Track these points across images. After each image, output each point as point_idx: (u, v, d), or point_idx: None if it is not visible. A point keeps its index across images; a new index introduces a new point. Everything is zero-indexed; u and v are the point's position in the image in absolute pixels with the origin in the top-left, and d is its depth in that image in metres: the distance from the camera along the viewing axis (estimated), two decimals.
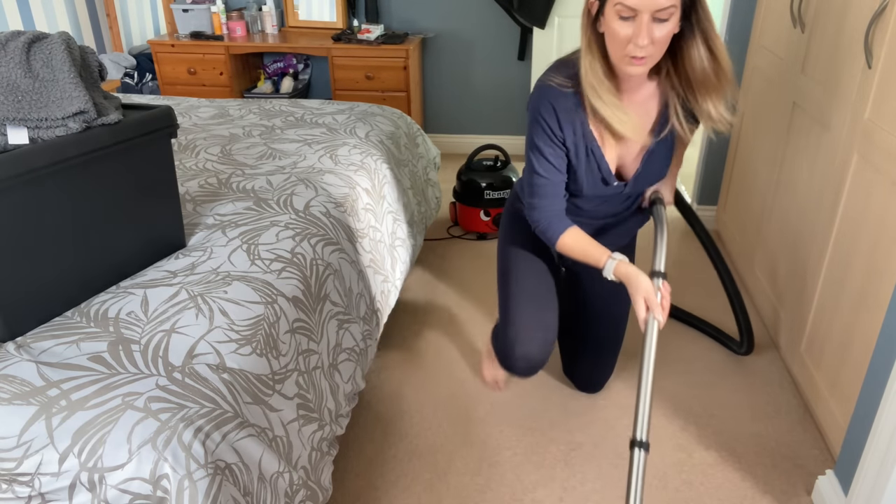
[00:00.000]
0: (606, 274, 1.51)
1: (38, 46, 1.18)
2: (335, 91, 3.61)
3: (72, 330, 1.20)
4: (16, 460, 1.01)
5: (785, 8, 2.23)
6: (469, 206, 2.94)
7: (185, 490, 1.01)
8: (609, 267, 1.50)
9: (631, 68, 1.35)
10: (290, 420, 1.29)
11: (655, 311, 1.43)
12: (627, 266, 1.48)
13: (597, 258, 1.52)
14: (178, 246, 1.50)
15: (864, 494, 1.45)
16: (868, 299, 1.59)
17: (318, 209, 1.72)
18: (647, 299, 1.44)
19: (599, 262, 1.52)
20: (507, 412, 1.95)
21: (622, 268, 1.48)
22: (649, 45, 1.30)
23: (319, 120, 2.41)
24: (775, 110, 2.29)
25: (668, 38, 1.34)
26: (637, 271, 1.47)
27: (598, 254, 1.52)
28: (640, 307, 1.44)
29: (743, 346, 2.15)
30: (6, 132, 1.15)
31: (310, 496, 1.30)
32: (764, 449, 1.82)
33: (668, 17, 1.29)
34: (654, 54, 1.34)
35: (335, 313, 1.58)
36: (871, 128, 1.60)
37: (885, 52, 1.54)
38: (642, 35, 1.28)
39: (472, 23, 3.74)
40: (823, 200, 1.86)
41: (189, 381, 1.12)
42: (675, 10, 1.30)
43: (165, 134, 1.39)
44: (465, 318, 2.39)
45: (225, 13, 3.67)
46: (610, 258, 1.50)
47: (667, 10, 1.28)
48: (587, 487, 1.70)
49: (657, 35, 1.30)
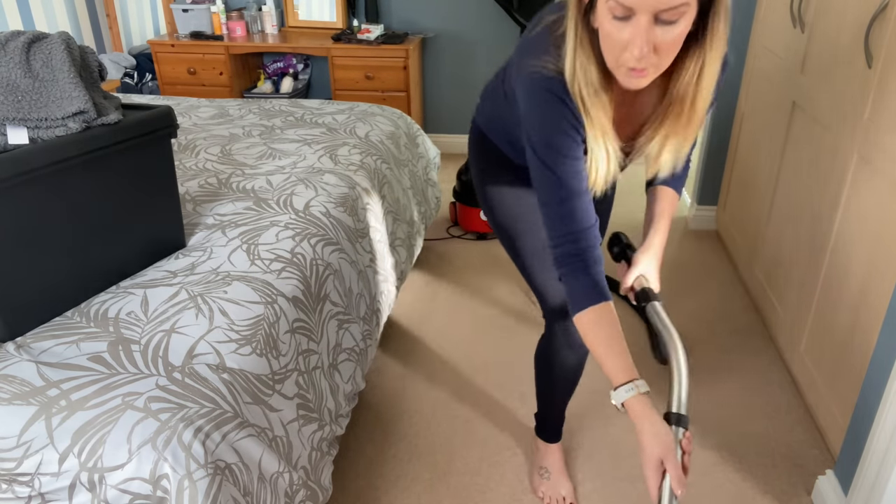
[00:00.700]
0: (614, 401, 1.13)
1: (38, 46, 1.18)
2: (335, 91, 3.61)
3: (72, 330, 1.20)
4: (16, 460, 1.01)
5: (785, 8, 2.23)
6: (469, 206, 2.94)
7: (185, 490, 1.01)
8: (618, 396, 1.12)
9: (628, 80, 1.05)
10: (290, 420, 1.29)
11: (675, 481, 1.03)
12: (645, 406, 1.09)
13: (613, 370, 1.13)
14: (178, 246, 1.50)
15: (864, 494, 1.45)
16: (868, 299, 1.59)
17: (318, 209, 1.72)
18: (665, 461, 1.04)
19: (614, 378, 1.13)
20: (507, 412, 1.95)
21: (637, 406, 1.10)
22: (650, 53, 0.99)
23: (319, 120, 2.41)
24: (775, 110, 2.29)
25: (678, 43, 1.02)
26: (655, 420, 1.08)
27: (617, 365, 1.13)
28: (652, 472, 1.05)
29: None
30: (6, 132, 1.15)
31: (310, 496, 1.30)
32: (764, 449, 1.82)
33: (676, 17, 0.98)
34: (660, 63, 1.03)
35: (335, 313, 1.58)
36: (871, 128, 1.60)
37: (885, 52, 1.54)
38: (638, 42, 0.98)
39: (472, 23, 3.74)
40: (823, 200, 1.86)
41: (189, 381, 1.12)
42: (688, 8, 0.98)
43: (165, 134, 1.39)
44: (466, 318, 2.39)
45: (225, 13, 3.67)
46: (629, 383, 1.11)
47: (675, 9, 0.96)
48: (587, 487, 1.70)
49: (662, 40, 0.99)
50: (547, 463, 1.71)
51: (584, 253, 1.17)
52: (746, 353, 2.21)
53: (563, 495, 1.66)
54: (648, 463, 1.06)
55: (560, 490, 1.67)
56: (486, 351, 2.21)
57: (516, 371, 2.11)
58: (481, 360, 2.17)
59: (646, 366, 2.14)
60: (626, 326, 2.35)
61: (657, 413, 1.09)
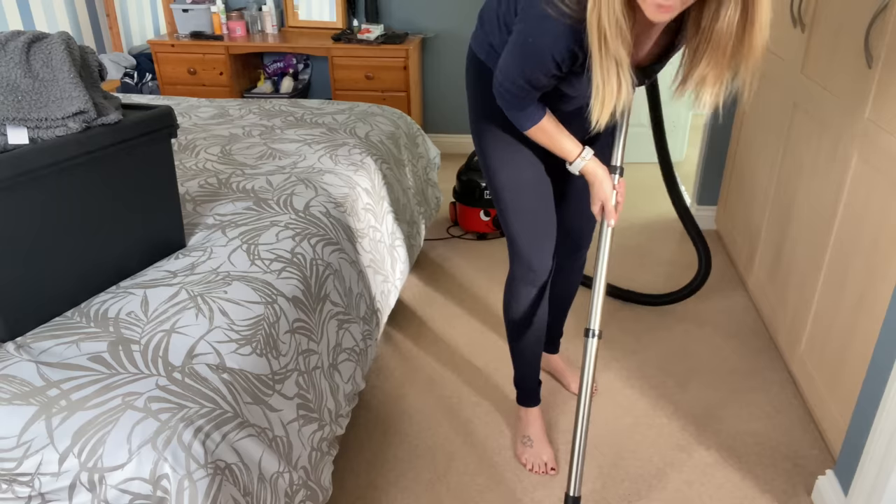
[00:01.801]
0: (573, 170, 1.47)
1: (38, 46, 1.18)
2: (335, 91, 3.61)
3: (72, 330, 1.20)
4: (16, 460, 1.01)
5: (785, 8, 2.23)
6: (469, 206, 2.94)
7: (185, 490, 1.01)
8: (577, 165, 1.45)
9: (655, 14, 1.07)
10: (290, 420, 1.29)
11: (609, 217, 1.49)
12: (596, 166, 1.46)
13: (568, 151, 1.44)
14: (178, 246, 1.50)
15: (864, 494, 1.45)
16: (868, 299, 1.59)
17: (318, 209, 1.72)
18: (603, 202, 1.48)
19: (570, 155, 1.45)
20: (507, 413, 1.95)
21: (590, 167, 1.46)
22: None
23: (319, 120, 2.41)
24: (775, 110, 2.29)
25: None
26: (604, 175, 1.46)
27: (571, 147, 1.44)
28: (597, 210, 1.50)
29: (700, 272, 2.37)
30: (6, 132, 1.15)
31: (310, 496, 1.30)
32: (764, 449, 1.82)
33: None
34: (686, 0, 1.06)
35: (335, 313, 1.58)
36: (871, 128, 1.60)
37: (885, 52, 1.54)
38: None
39: (472, 23, 3.73)
40: (823, 200, 1.86)
41: (189, 381, 1.12)
42: None
43: (165, 134, 1.39)
44: (466, 318, 2.39)
45: (225, 13, 3.67)
46: (580, 156, 1.44)
47: None
48: (587, 487, 1.70)
49: None
50: (529, 431, 1.81)
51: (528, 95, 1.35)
52: (746, 353, 2.21)
53: (545, 461, 1.76)
54: (595, 202, 1.50)
55: (542, 456, 1.76)
56: (486, 351, 2.21)
57: None
58: (481, 360, 2.17)
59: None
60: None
61: (604, 170, 1.47)
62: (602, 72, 1.15)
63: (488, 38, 1.46)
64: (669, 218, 3.20)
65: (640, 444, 1.83)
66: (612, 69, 1.15)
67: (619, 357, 2.18)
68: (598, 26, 1.10)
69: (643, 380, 2.08)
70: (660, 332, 2.31)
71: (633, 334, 2.30)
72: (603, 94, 1.18)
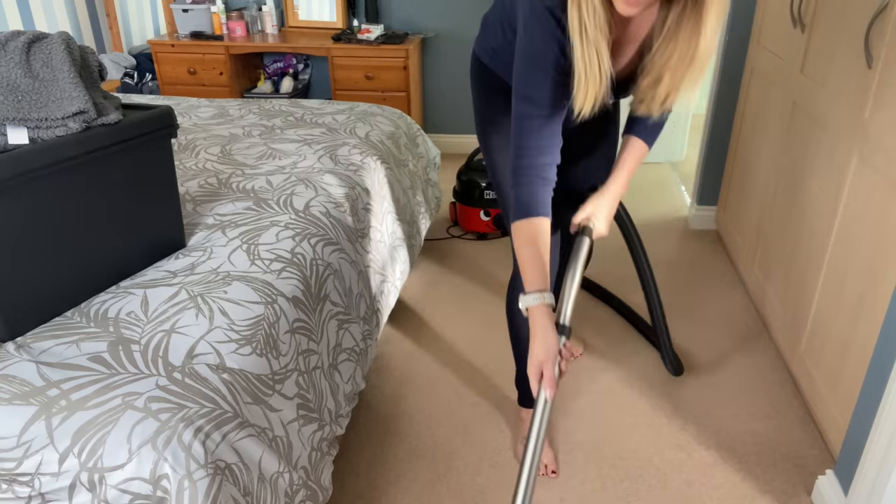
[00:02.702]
0: (521, 304, 1.28)
1: (38, 46, 1.18)
2: (335, 91, 3.61)
3: (72, 330, 1.20)
4: (16, 460, 1.01)
5: (785, 8, 2.23)
6: (469, 206, 2.94)
7: (185, 490, 1.01)
8: (526, 301, 1.26)
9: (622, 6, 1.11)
10: (290, 420, 1.29)
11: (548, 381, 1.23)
12: (545, 316, 1.24)
13: (526, 277, 1.27)
14: (178, 246, 1.50)
15: (864, 494, 1.45)
16: (868, 299, 1.59)
17: (318, 209, 1.72)
18: (542, 366, 1.23)
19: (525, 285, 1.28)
20: (507, 413, 1.95)
21: (537, 314, 1.25)
22: None
23: (319, 120, 2.41)
24: (775, 110, 2.29)
25: None
26: (549, 329, 1.24)
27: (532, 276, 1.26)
28: (533, 373, 1.24)
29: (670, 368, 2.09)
30: (6, 132, 1.15)
31: (310, 496, 1.30)
32: (764, 449, 1.82)
33: None
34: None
35: (335, 313, 1.58)
36: (871, 128, 1.60)
37: (885, 52, 1.54)
38: None
39: (472, 23, 3.74)
40: (823, 200, 1.86)
41: (189, 381, 1.12)
42: None
43: (165, 134, 1.39)
44: (466, 319, 2.39)
45: (225, 13, 3.67)
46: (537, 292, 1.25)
47: None
48: (587, 487, 1.70)
49: None
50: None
51: (542, 168, 1.27)
52: (746, 353, 2.21)
53: (545, 463, 1.75)
54: (532, 365, 1.24)
55: (542, 459, 1.73)
56: (486, 351, 2.21)
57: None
58: (481, 360, 2.17)
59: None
60: (620, 330, 2.35)
61: (552, 325, 1.24)
62: (584, 61, 1.17)
63: (489, 42, 1.52)
64: (669, 218, 3.20)
65: (640, 444, 1.83)
66: (593, 58, 1.16)
67: (620, 357, 2.18)
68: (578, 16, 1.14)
69: (643, 380, 2.08)
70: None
71: (634, 335, 2.30)
72: (586, 85, 1.19)
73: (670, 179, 3.64)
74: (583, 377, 2.09)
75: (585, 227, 1.45)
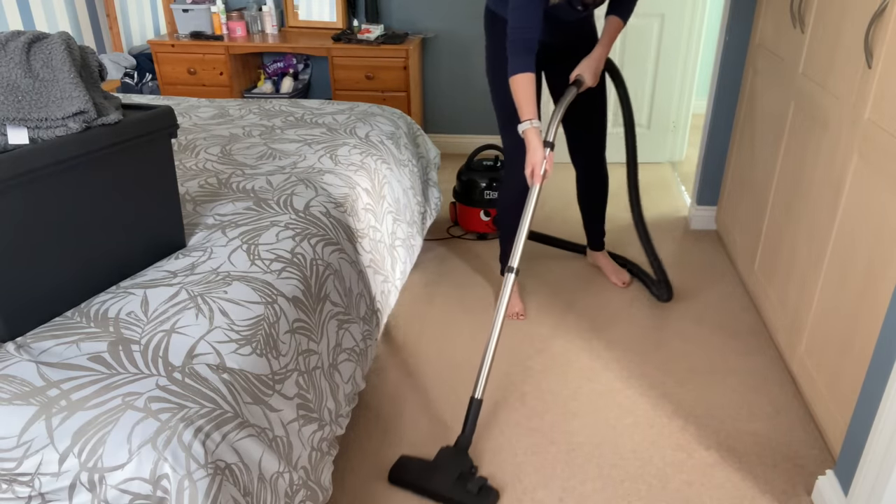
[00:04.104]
0: (519, 128, 1.92)
1: (38, 46, 1.18)
2: (335, 91, 3.61)
3: (72, 330, 1.20)
4: (16, 460, 1.01)
5: (785, 8, 2.23)
6: (469, 206, 2.94)
7: (185, 490, 1.01)
8: (522, 126, 1.91)
9: None
10: (290, 420, 1.29)
11: (535, 179, 1.91)
12: (536, 135, 1.89)
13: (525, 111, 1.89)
14: (178, 246, 1.50)
15: (864, 494, 1.45)
16: (868, 299, 1.59)
17: (318, 209, 1.72)
18: (534, 168, 1.90)
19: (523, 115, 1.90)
20: (507, 413, 1.95)
21: (530, 134, 1.89)
22: None
23: (319, 120, 2.42)
24: (775, 110, 2.29)
25: None
26: (538, 144, 1.88)
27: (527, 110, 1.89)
28: (528, 172, 1.92)
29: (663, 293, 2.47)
30: (6, 132, 1.15)
31: (310, 496, 1.30)
32: (764, 449, 1.82)
33: None
34: None
35: (335, 313, 1.58)
36: (871, 128, 1.60)
37: (885, 52, 1.54)
38: None
39: (472, 23, 3.74)
40: (823, 200, 1.86)
41: (189, 381, 1.12)
42: None
43: (165, 134, 1.39)
44: (466, 318, 2.39)
45: (225, 13, 3.67)
46: (529, 121, 1.89)
47: None
48: (587, 487, 1.70)
49: None
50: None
51: (529, 41, 1.89)
52: (746, 353, 2.21)
53: (517, 311, 2.38)
54: (527, 167, 1.93)
55: (514, 308, 2.38)
56: None
57: (516, 371, 2.11)
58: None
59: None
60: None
61: (540, 141, 1.89)
62: None
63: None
64: (670, 218, 3.20)
65: (640, 444, 1.83)
66: None
67: (620, 357, 2.18)
68: None
69: (643, 380, 2.08)
70: (660, 333, 2.31)
71: (634, 335, 2.30)
72: None
73: (670, 179, 3.64)
74: (584, 379, 2.09)
75: (576, 80, 2.08)
